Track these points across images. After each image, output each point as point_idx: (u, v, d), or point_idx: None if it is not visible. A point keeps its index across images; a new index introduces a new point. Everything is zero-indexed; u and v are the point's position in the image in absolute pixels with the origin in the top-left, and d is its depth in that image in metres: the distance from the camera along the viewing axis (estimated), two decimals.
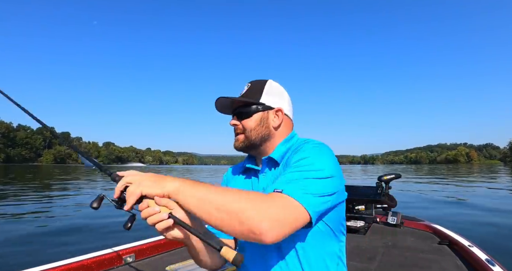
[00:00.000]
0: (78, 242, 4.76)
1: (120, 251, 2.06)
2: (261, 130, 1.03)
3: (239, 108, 1.04)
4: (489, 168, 53.23)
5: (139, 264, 2.10)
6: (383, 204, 3.20)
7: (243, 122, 1.03)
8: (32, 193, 12.24)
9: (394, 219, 3.01)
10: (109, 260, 1.97)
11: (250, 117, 1.03)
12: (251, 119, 1.03)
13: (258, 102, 1.03)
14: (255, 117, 1.03)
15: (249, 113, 1.03)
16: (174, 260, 2.16)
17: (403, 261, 2.15)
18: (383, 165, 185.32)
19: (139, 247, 2.19)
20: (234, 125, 1.05)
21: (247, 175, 1.10)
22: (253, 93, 1.04)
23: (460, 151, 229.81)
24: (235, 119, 1.04)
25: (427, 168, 60.78)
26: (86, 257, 1.87)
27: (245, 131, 1.03)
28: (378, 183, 3.22)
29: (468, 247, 2.14)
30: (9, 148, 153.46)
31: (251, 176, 1.08)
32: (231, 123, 1.05)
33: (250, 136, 1.03)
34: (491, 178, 21.95)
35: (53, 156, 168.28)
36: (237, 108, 1.05)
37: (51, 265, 1.70)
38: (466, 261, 2.08)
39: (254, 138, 1.03)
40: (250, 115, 1.03)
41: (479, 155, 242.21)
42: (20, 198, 10.41)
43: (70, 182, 18.71)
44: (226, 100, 1.03)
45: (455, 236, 2.44)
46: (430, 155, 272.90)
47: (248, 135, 1.03)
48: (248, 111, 1.03)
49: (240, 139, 1.04)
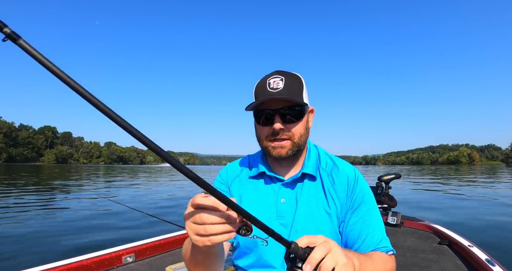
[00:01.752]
0: (78, 242, 4.77)
1: (120, 251, 2.06)
2: (306, 136, 0.94)
3: (285, 110, 0.88)
4: (491, 169, 53.04)
5: (139, 264, 2.10)
6: (383, 204, 3.20)
7: (291, 126, 0.90)
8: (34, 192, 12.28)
9: (394, 219, 3.01)
10: (109, 260, 1.97)
11: (300, 121, 0.91)
12: (301, 123, 0.91)
13: (304, 102, 0.90)
14: (303, 120, 0.92)
15: (299, 115, 0.90)
16: (174, 260, 2.16)
17: (403, 261, 2.15)
18: (385, 166, 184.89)
19: (139, 247, 2.19)
20: (281, 129, 0.89)
21: (266, 182, 0.99)
22: (295, 91, 0.89)
23: (462, 152, 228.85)
24: (280, 122, 0.88)
25: (428, 169, 60.65)
26: (86, 257, 1.88)
27: (292, 137, 0.90)
28: (378, 183, 3.23)
29: (468, 247, 2.14)
30: (11, 148, 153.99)
31: (270, 183, 0.98)
32: (278, 127, 0.88)
33: (299, 142, 0.91)
34: (492, 179, 21.87)
35: (55, 155, 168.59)
36: (281, 109, 0.89)
37: (51, 265, 1.70)
38: (466, 261, 2.08)
39: (301, 145, 0.93)
40: (299, 119, 0.90)
41: (481, 156, 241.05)
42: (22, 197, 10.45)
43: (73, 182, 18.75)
44: (274, 100, 0.87)
45: (455, 236, 2.44)
46: (431, 156, 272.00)
47: (297, 142, 0.91)
48: (297, 113, 0.90)
49: (287, 146, 0.90)
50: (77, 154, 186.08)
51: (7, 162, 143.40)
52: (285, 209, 0.94)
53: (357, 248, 0.90)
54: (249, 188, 1.00)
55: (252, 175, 1.01)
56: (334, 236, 0.91)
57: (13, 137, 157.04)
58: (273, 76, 0.90)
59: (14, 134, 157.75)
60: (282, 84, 0.87)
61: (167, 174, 33.00)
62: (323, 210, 0.92)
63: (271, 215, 0.94)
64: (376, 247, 0.89)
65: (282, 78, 0.88)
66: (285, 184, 0.96)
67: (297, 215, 0.92)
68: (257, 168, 1.00)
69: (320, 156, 1.01)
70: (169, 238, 2.41)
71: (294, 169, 0.99)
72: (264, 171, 0.98)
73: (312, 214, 0.92)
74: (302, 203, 0.93)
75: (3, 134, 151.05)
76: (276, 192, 0.96)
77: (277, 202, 0.95)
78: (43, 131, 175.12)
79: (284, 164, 0.98)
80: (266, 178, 0.99)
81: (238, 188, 1.02)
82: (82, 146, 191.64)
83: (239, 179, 1.03)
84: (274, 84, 0.87)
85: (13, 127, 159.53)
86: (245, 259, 0.97)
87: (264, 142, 0.93)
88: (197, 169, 69.41)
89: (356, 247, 0.90)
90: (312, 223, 0.91)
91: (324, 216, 0.92)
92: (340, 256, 0.58)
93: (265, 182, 0.99)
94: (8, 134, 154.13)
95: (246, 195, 0.99)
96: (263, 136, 0.93)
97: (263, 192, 0.98)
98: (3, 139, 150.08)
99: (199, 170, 55.88)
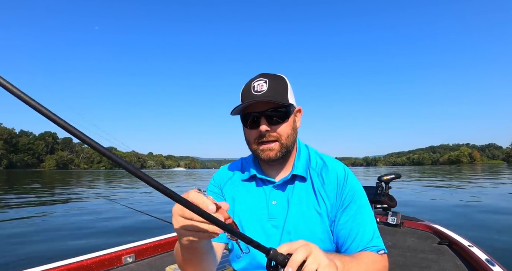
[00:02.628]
0: (78, 242, 4.76)
1: (120, 251, 2.07)
2: (293, 136, 0.94)
3: (270, 111, 0.88)
4: (492, 168, 52.94)
5: (139, 264, 2.10)
6: (383, 204, 3.20)
7: (277, 128, 0.89)
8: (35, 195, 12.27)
9: (394, 219, 3.01)
10: (109, 260, 1.98)
11: (285, 122, 0.90)
12: (287, 124, 0.91)
13: (289, 103, 0.90)
14: (290, 121, 0.91)
15: (284, 116, 0.90)
16: (174, 260, 2.14)
17: (403, 261, 2.14)
18: (386, 167, 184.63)
19: (139, 247, 2.19)
20: (267, 131, 0.89)
21: (258, 185, 0.99)
22: (279, 92, 0.89)
23: (463, 151, 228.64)
24: (265, 124, 0.88)
25: (429, 169, 60.53)
26: (86, 257, 1.88)
27: (280, 138, 0.90)
28: (378, 183, 3.23)
29: (468, 247, 2.14)
30: (11, 154, 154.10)
31: (262, 185, 0.99)
32: (264, 129, 0.88)
33: (287, 143, 0.91)
34: (493, 178, 21.82)
35: (56, 161, 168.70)
36: (266, 111, 0.88)
37: (51, 265, 1.71)
38: (466, 261, 2.07)
39: (290, 145, 0.92)
40: (284, 119, 0.90)
41: (482, 155, 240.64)
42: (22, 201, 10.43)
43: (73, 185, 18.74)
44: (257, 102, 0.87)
45: (455, 236, 2.44)
46: (432, 156, 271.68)
47: (285, 143, 0.90)
48: (282, 114, 0.89)
49: (275, 148, 0.90)
50: (78, 159, 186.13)
51: (7, 168, 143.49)
52: (277, 211, 0.94)
53: (347, 247, 0.89)
54: (241, 191, 1.00)
55: (244, 179, 1.01)
56: (326, 236, 0.91)
57: (14, 143, 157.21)
58: (257, 79, 0.91)
59: (15, 140, 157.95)
60: (266, 86, 0.88)
61: (167, 178, 32.99)
62: (314, 210, 0.92)
63: (263, 217, 0.95)
64: (366, 246, 0.88)
65: (266, 80, 0.89)
66: (276, 186, 0.96)
67: (288, 217, 0.92)
68: (249, 171, 1.00)
69: (310, 156, 1.01)
70: (169, 238, 2.41)
71: (285, 171, 0.99)
72: (255, 174, 0.98)
73: (303, 215, 0.92)
74: (293, 205, 0.93)
75: (4, 140, 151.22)
76: (268, 194, 0.97)
77: (268, 204, 0.95)
78: (44, 137, 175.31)
79: (274, 166, 0.98)
80: (258, 181, 1.00)
81: (230, 191, 1.02)
82: (82, 152, 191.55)
83: (231, 181, 1.03)
84: (258, 87, 0.88)
85: (13, 133, 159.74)
86: (239, 262, 0.98)
87: (253, 145, 0.94)
88: (196, 173, 69.26)
89: (346, 246, 0.89)
90: (304, 224, 0.91)
91: (316, 216, 0.92)
92: (322, 257, 0.58)
93: (256, 185, 1.00)
94: (9, 140, 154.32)
95: (239, 198, 1.00)
96: (252, 139, 0.93)
97: (255, 195, 0.98)
98: (3, 145, 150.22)
99: (198, 174, 55.73)
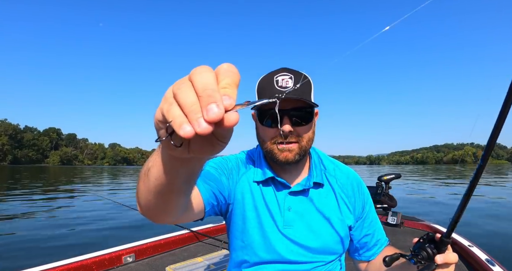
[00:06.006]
0: (78, 242, 4.80)
1: (120, 251, 2.08)
2: (313, 140, 0.87)
3: (296, 111, 0.80)
4: (496, 168, 52.58)
5: (139, 264, 2.12)
6: (383, 204, 3.20)
7: (300, 129, 0.82)
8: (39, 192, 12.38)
9: (394, 219, 3.01)
10: (109, 260, 1.99)
11: (309, 124, 0.83)
12: (310, 126, 0.83)
13: (316, 104, 0.82)
14: (312, 123, 0.84)
15: (309, 118, 0.82)
16: (174, 260, 2.18)
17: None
18: (389, 166, 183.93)
19: (139, 247, 2.21)
20: (290, 132, 0.80)
21: (272, 188, 0.90)
22: (305, 91, 0.81)
23: (467, 151, 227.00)
24: (289, 124, 0.80)
25: (432, 169, 60.23)
26: (86, 257, 1.89)
27: (301, 141, 0.82)
28: (378, 183, 3.23)
29: (468, 247, 2.14)
30: (16, 150, 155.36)
31: (276, 189, 0.90)
32: (287, 129, 0.79)
33: (306, 147, 0.84)
34: (495, 178, 21.68)
35: (60, 157, 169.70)
36: (291, 110, 0.80)
37: (51, 265, 1.72)
38: (466, 261, 2.07)
39: (308, 149, 0.86)
40: (309, 121, 0.82)
41: None
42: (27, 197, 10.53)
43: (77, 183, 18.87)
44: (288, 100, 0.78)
45: (455, 236, 2.43)
46: (436, 155, 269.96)
47: (304, 146, 0.83)
48: (308, 115, 0.82)
49: (294, 149, 0.82)
50: (82, 155, 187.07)
51: (12, 164, 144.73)
52: (292, 218, 0.88)
53: (371, 247, 0.96)
54: (254, 191, 0.90)
55: (258, 179, 0.90)
56: (346, 241, 0.93)
57: (18, 139, 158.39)
58: (280, 73, 0.81)
59: (19, 136, 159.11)
60: (292, 82, 0.79)
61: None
62: (334, 217, 0.90)
63: (278, 224, 0.88)
64: (385, 244, 0.98)
65: (292, 76, 0.80)
66: (292, 193, 0.89)
67: (304, 224, 0.88)
68: (263, 172, 0.90)
69: (322, 161, 0.97)
70: (169, 238, 2.43)
71: (299, 175, 0.92)
72: (273, 176, 0.89)
73: (320, 222, 0.89)
74: (310, 212, 0.89)
75: (8, 136, 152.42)
76: (283, 200, 0.89)
77: (283, 211, 0.88)
78: (48, 133, 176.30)
79: (288, 169, 0.90)
80: (273, 184, 0.90)
81: (242, 187, 0.90)
82: (86, 148, 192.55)
83: (246, 177, 0.92)
84: (283, 82, 0.79)
85: (18, 129, 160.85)
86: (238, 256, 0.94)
87: (268, 144, 0.84)
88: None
89: (371, 246, 0.96)
90: (320, 231, 0.89)
91: (336, 222, 0.90)
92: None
93: (271, 188, 0.90)
94: (13, 136, 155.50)
95: (250, 200, 0.90)
96: (268, 138, 0.84)
97: (269, 199, 0.89)
98: (8, 141, 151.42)
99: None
